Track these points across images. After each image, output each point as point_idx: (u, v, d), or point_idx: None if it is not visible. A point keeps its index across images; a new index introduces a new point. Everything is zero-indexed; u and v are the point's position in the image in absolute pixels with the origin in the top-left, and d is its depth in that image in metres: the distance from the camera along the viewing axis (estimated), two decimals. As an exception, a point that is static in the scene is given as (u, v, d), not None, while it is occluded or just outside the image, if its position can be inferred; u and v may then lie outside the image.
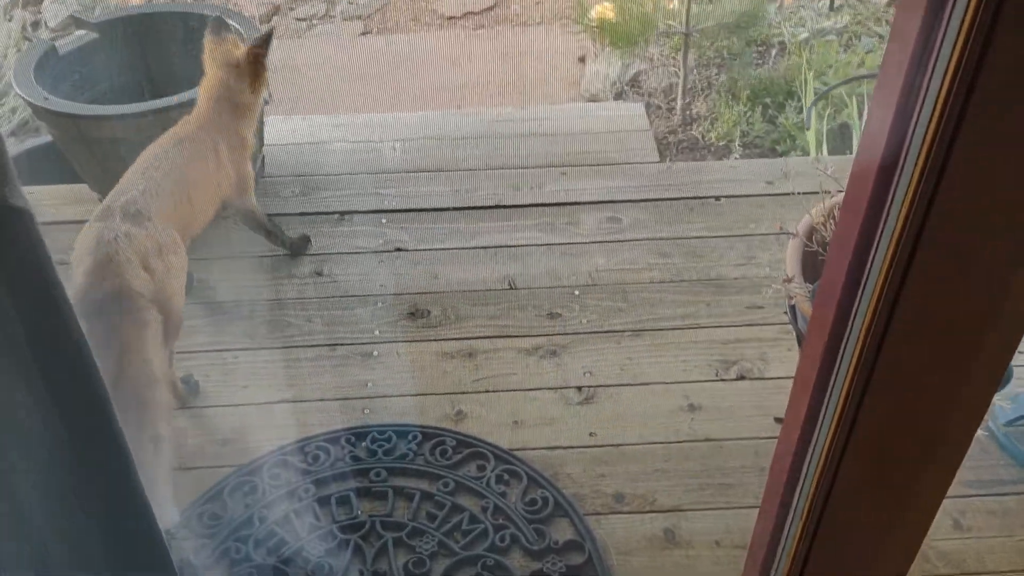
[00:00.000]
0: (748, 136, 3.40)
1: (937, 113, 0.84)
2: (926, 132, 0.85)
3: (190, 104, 2.12)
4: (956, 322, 0.98)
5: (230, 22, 2.19)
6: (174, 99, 2.11)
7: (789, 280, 1.51)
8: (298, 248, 2.27)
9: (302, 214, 2.45)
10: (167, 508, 1.57)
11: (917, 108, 0.86)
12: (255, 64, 1.94)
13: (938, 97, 0.83)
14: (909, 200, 0.89)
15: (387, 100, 4.03)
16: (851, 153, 2.97)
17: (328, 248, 2.35)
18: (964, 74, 0.80)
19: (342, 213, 2.45)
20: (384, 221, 2.44)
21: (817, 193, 2.06)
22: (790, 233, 1.58)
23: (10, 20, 3.96)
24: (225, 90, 1.95)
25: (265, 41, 1.98)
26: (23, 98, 2.14)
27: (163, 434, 1.58)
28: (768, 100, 3.49)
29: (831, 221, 1.52)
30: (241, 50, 1.95)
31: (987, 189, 0.86)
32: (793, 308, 1.55)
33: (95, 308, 1.62)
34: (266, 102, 2.09)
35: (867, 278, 1.00)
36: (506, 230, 2.41)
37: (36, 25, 4.03)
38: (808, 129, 2.73)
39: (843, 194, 1.65)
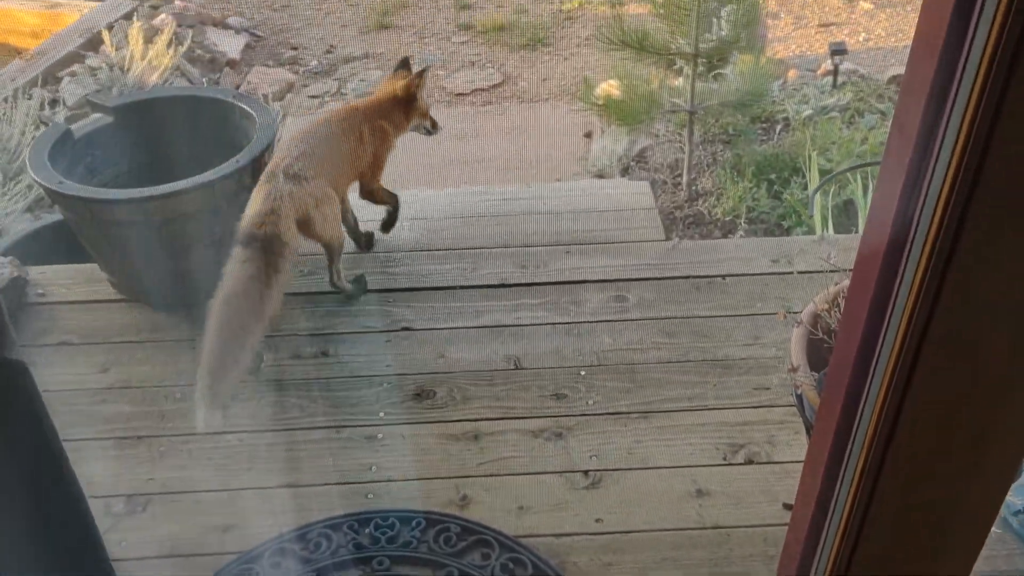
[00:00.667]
0: (754, 212, 3.42)
1: (942, 202, 0.84)
2: (931, 220, 0.85)
3: (200, 188, 2.16)
4: (968, 409, 0.97)
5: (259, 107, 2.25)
6: (184, 183, 2.14)
7: (795, 369, 1.50)
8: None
9: (309, 293, 2.46)
10: (215, 407, 1.90)
11: (921, 197, 0.86)
12: (408, 90, 2.41)
13: (942, 187, 0.83)
14: (916, 287, 0.89)
15: (395, 176, 4.08)
16: (856, 231, 2.98)
17: (334, 328, 2.35)
18: (968, 163, 0.80)
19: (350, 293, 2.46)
20: (391, 300, 2.45)
21: (822, 272, 2.06)
22: (794, 321, 1.58)
23: (29, 98, 4.06)
24: (386, 101, 2.41)
25: (419, 75, 2.43)
26: (37, 182, 2.18)
27: (245, 350, 1.96)
28: (773, 176, 3.52)
29: (835, 309, 1.52)
30: (404, 81, 2.41)
31: (995, 275, 0.86)
32: (800, 397, 1.54)
33: (249, 240, 2.04)
34: (428, 132, 2.54)
35: (876, 364, 0.99)
36: (512, 309, 2.42)
37: (54, 103, 4.13)
38: (811, 216, 2.75)
39: (847, 281, 1.65)
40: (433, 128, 2.56)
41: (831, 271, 1.85)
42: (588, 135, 4.35)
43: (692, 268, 2.50)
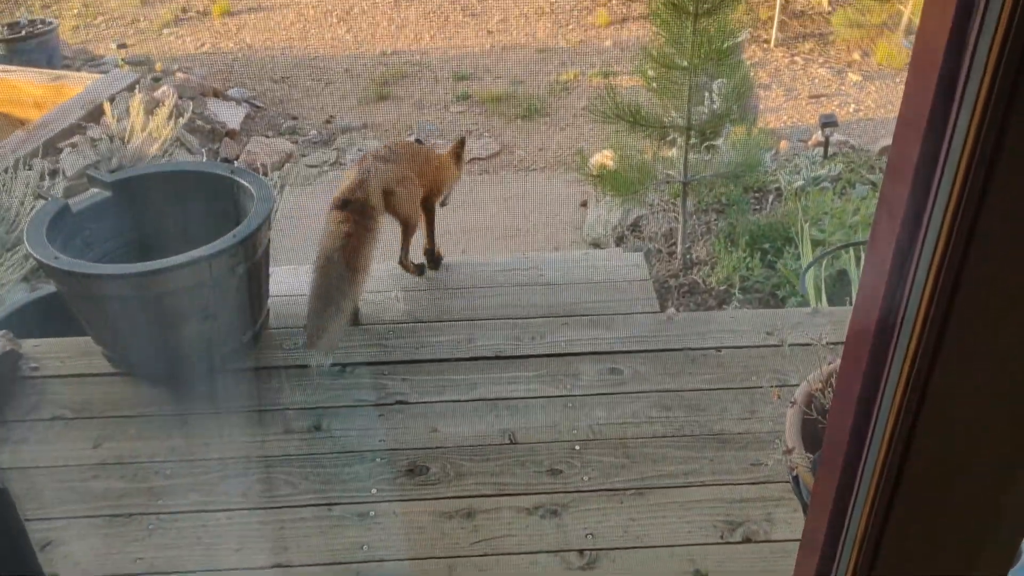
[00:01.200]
0: (748, 281, 3.44)
1: (930, 283, 0.84)
2: (920, 301, 0.85)
3: (197, 263, 2.17)
4: (966, 489, 0.95)
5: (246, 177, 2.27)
6: (180, 258, 2.15)
7: (790, 451, 1.49)
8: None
9: (303, 366, 2.45)
10: (323, 353, 2.33)
11: (909, 279, 0.86)
12: (456, 153, 2.90)
13: (930, 267, 0.83)
14: (907, 369, 0.89)
15: (392, 245, 4.11)
16: (850, 303, 2.99)
17: (328, 401, 2.34)
18: (956, 245, 0.80)
19: (343, 365, 2.46)
20: (386, 373, 2.44)
21: (815, 346, 2.06)
22: (788, 400, 1.57)
23: (30, 169, 4.10)
24: (444, 160, 2.89)
25: (461, 143, 2.91)
26: (34, 256, 2.19)
27: (347, 299, 2.35)
28: (767, 245, 3.55)
29: (829, 389, 1.52)
30: (450, 149, 2.91)
31: (987, 356, 0.86)
32: (796, 479, 1.52)
33: (345, 204, 2.46)
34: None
35: (869, 446, 0.98)
36: (507, 381, 2.41)
37: (54, 173, 4.18)
38: (803, 294, 2.76)
39: (839, 362, 1.65)
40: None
41: (829, 343, 1.85)
42: (584, 204, 4.40)
43: (687, 340, 2.50)
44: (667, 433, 2.20)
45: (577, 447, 2.17)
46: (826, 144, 4.03)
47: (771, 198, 3.95)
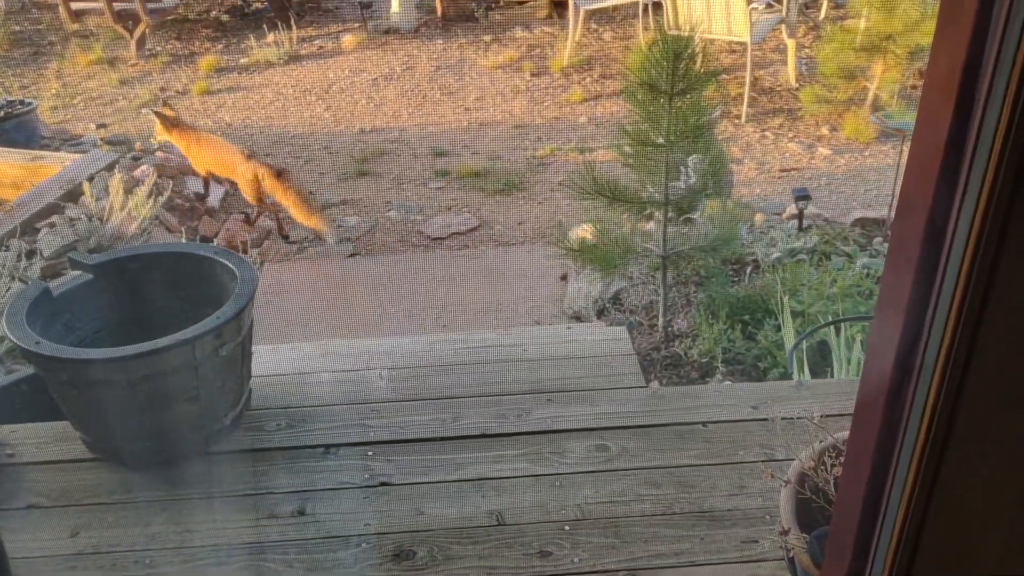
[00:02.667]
0: (730, 353, 3.45)
1: (945, 344, 0.83)
2: (934, 366, 0.84)
3: (180, 345, 2.15)
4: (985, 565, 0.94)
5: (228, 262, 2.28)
6: (164, 341, 2.13)
7: (786, 532, 1.48)
8: None
9: (286, 448, 2.42)
10: None
11: (922, 343, 0.84)
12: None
13: (945, 327, 0.82)
14: (922, 439, 0.87)
15: (374, 321, 4.11)
16: (831, 374, 3.01)
17: (312, 484, 2.30)
18: (971, 304, 0.80)
19: (327, 446, 2.43)
20: (370, 454, 2.41)
21: (802, 419, 2.07)
22: (781, 480, 1.57)
23: (6, 250, 4.07)
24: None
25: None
26: (15, 342, 2.16)
27: None
28: (747, 317, 3.58)
29: (822, 468, 1.52)
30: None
31: (988, 463, 0.85)
32: (792, 560, 1.51)
33: None
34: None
35: (882, 525, 0.97)
36: (493, 460, 2.38)
37: (31, 254, 4.15)
38: (791, 372, 2.78)
39: (832, 438, 1.66)
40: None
41: (822, 416, 1.85)
42: (564, 277, 4.43)
43: (673, 415, 2.50)
44: (657, 511, 2.18)
45: (567, 527, 2.14)
46: (800, 217, 4.11)
47: (749, 270, 4.00)
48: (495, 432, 2.47)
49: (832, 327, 3.16)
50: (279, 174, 4.53)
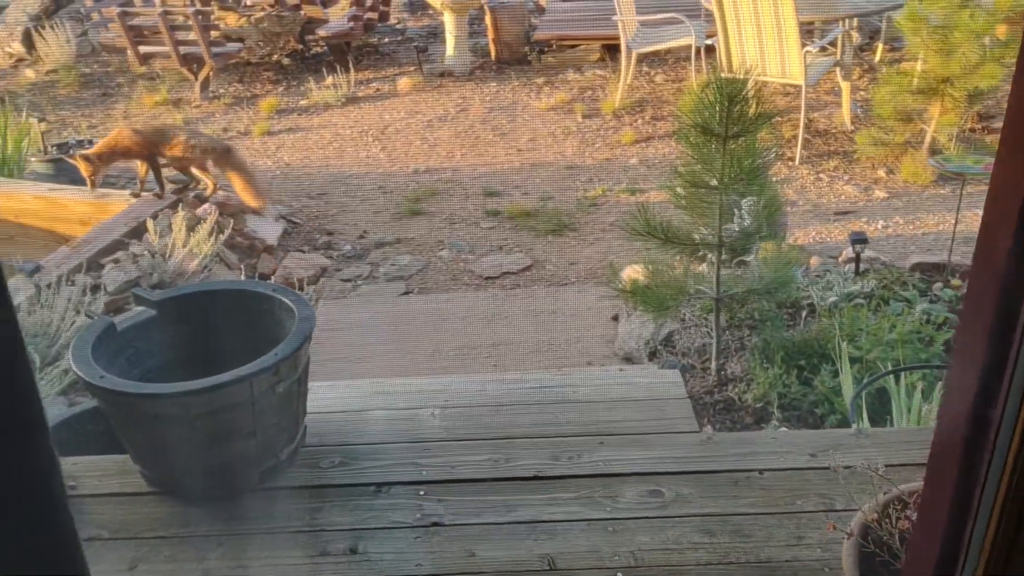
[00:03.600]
0: (785, 398, 3.40)
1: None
2: (1017, 416, 0.81)
3: (239, 382, 2.19)
4: None
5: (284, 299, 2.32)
6: (224, 377, 2.17)
7: (849, 586, 1.44)
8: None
9: (340, 485, 2.43)
10: None
11: (1003, 392, 0.80)
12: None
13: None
14: (1004, 489, 0.84)
15: (426, 359, 4.13)
16: (891, 422, 2.94)
17: (365, 523, 2.31)
18: None
19: (380, 485, 2.43)
20: (422, 493, 2.41)
21: (864, 469, 2.02)
22: (844, 532, 1.53)
23: (72, 284, 4.20)
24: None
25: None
26: (79, 376, 2.21)
27: None
28: (803, 362, 3.52)
29: (886, 520, 1.48)
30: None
31: None
32: (856, 615, 1.47)
33: None
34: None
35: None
36: (545, 503, 2.37)
37: (96, 288, 4.27)
38: (853, 421, 2.72)
39: (896, 490, 1.62)
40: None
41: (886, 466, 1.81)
42: (615, 318, 4.41)
43: (728, 462, 2.46)
44: (712, 560, 2.14)
45: (619, 574, 2.11)
46: (857, 260, 4.05)
47: (804, 314, 3.95)
48: (548, 474, 2.46)
49: (893, 375, 3.09)
50: (225, 151, 4.87)
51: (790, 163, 6.00)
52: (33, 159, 5.77)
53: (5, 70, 9.35)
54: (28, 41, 9.40)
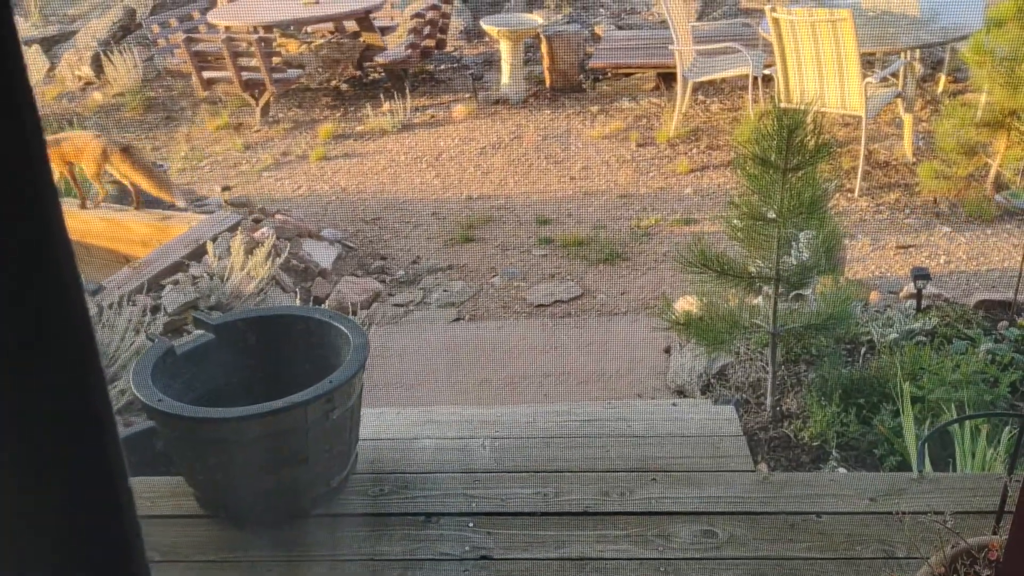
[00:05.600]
0: (843, 437, 3.31)
1: None
2: None
3: (293, 408, 2.20)
4: None
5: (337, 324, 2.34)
6: (279, 403, 2.19)
7: (915, 643, 1.39)
8: None
9: (389, 514, 2.43)
10: None
11: None
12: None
13: None
14: None
15: (476, 387, 4.13)
16: (953, 468, 2.85)
17: (413, 553, 2.30)
18: None
19: (429, 515, 2.42)
20: (471, 525, 2.40)
21: (926, 514, 1.95)
22: (910, 586, 1.47)
23: (133, 304, 4.29)
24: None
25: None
26: (139, 398, 2.25)
27: None
28: (861, 400, 3.43)
29: (954, 574, 1.42)
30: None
31: None
32: (922, 674, 1.41)
33: None
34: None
35: None
36: (595, 540, 2.33)
37: (156, 309, 4.36)
38: (920, 466, 2.64)
39: (965, 543, 1.56)
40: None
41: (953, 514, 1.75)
42: (667, 350, 4.36)
43: (784, 503, 2.40)
44: (767, 605, 2.08)
45: (671, 616, 2.07)
46: (919, 297, 3.95)
47: (863, 351, 3.86)
48: (598, 510, 2.43)
49: (954, 415, 3.00)
50: (124, 150, 5.15)
51: (849, 195, 5.90)
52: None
53: (74, 93, 9.67)
54: (97, 65, 9.71)
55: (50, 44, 10.81)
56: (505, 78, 8.41)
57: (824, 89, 5.88)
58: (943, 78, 7.48)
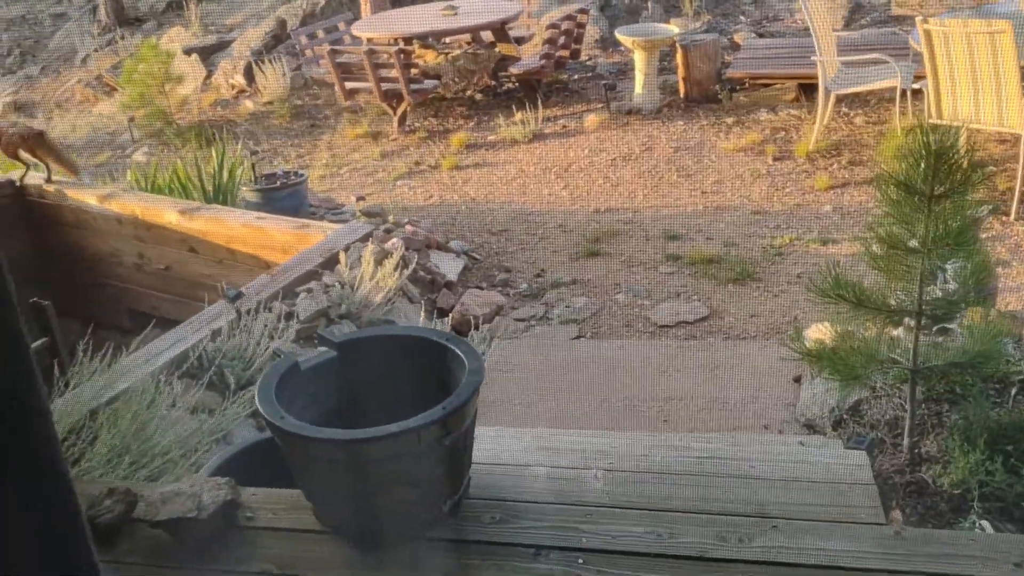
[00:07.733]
0: (987, 487, 3.07)
1: None
2: None
3: (407, 432, 2.22)
4: None
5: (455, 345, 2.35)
6: (394, 427, 2.21)
7: None
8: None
9: (499, 544, 2.42)
10: None
11: None
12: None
13: None
14: None
15: (594, 407, 4.08)
16: (1120, 535, 2.58)
17: (522, 586, 2.28)
18: None
19: (539, 548, 2.39)
20: (580, 561, 2.35)
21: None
22: None
23: (269, 311, 4.48)
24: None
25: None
26: (262, 414, 2.33)
27: None
28: (1010, 447, 3.18)
29: None
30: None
31: None
32: None
33: None
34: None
35: None
36: (709, 586, 2.25)
37: (289, 316, 4.53)
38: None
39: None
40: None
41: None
42: (797, 380, 4.18)
43: (918, 563, 2.24)
44: (894, 676, 1.94)
45: None
46: (1082, 335, 3.62)
47: (1014, 391, 3.57)
48: (713, 555, 2.33)
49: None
50: (38, 135, 5.81)
51: (1004, 219, 5.50)
52: (244, 188, 6.24)
53: (228, 100, 10.22)
54: (249, 74, 10.23)
55: (208, 53, 11.46)
56: (638, 88, 8.30)
57: (979, 105, 5.50)
58: (1120, 90, 6.86)
